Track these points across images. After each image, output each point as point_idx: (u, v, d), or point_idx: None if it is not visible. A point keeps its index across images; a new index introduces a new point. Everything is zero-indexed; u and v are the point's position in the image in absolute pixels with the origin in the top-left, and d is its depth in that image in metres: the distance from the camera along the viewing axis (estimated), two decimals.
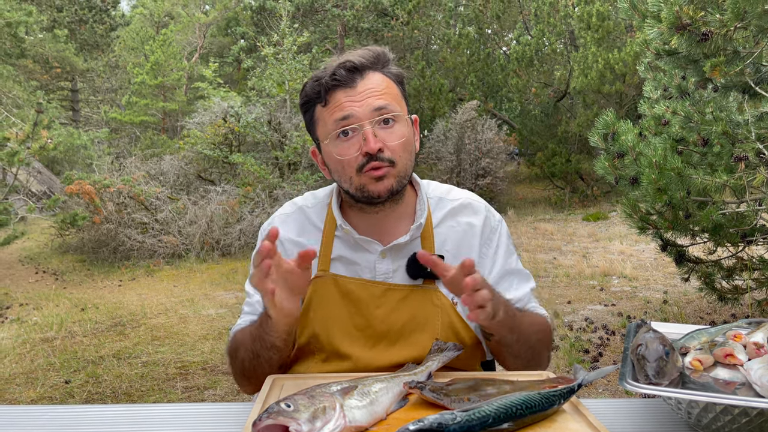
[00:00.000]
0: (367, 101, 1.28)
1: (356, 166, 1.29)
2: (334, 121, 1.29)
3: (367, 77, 1.30)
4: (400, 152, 1.31)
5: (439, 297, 1.36)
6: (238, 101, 12.14)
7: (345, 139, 1.29)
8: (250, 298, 1.45)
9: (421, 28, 17.80)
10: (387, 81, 1.33)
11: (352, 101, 1.28)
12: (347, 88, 1.29)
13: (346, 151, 1.29)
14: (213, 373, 4.43)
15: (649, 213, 4.26)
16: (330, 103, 1.30)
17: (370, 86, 1.30)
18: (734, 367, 1.04)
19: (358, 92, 1.28)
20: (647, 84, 4.35)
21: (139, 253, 9.92)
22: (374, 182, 1.30)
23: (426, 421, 0.88)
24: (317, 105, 1.33)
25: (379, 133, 1.28)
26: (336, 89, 1.29)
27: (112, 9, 22.84)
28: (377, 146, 1.27)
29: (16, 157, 7.61)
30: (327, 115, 1.31)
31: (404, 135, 1.32)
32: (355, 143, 1.28)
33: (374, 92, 1.29)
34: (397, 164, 1.30)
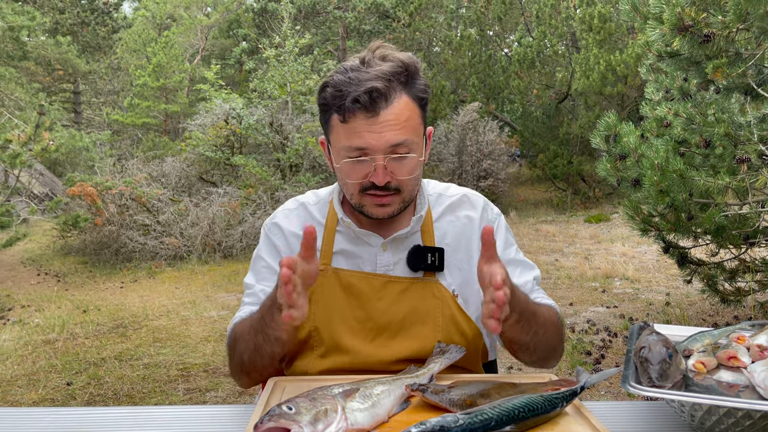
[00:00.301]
0: (385, 135, 1.24)
1: (360, 187, 1.30)
2: (348, 147, 1.26)
3: (392, 105, 1.24)
4: (407, 181, 1.31)
5: (439, 289, 1.37)
6: (239, 103, 12.15)
7: (356, 161, 1.27)
8: (251, 290, 1.45)
9: (422, 30, 17.82)
10: (410, 107, 1.28)
11: (371, 132, 1.24)
12: (369, 116, 1.24)
13: (354, 174, 1.29)
14: (215, 375, 4.42)
15: (652, 215, 4.25)
16: (349, 123, 1.25)
17: (392, 118, 1.24)
18: (738, 369, 1.03)
19: (379, 122, 1.24)
20: (649, 86, 4.34)
21: (141, 255, 9.93)
22: (375, 207, 1.31)
23: (428, 424, 0.88)
24: (335, 114, 1.28)
25: (390, 165, 1.27)
26: (357, 113, 1.24)
27: (114, 11, 22.89)
28: (385, 180, 1.27)
29: (18, 159, 7.62)
30: (342, 134, 1.27)
31: (415, 167, 1.30)
32: (365, 169, 1.27)
33: (394, 126, 1.24)
34: (402, 192, 1.31)
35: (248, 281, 1.47)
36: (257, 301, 1.41)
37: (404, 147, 1.26)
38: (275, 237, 1.46)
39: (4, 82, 16.20)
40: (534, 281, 1.46)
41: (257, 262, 1.47)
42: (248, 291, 1.46)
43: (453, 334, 1.36)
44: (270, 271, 1.44)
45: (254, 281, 1.45)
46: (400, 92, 1.26)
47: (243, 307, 1.45)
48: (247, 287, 1.47)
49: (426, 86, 1.33)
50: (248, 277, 1.48)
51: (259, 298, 1.41)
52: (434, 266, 1.37)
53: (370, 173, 1.27)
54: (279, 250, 1.44)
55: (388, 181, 1.27)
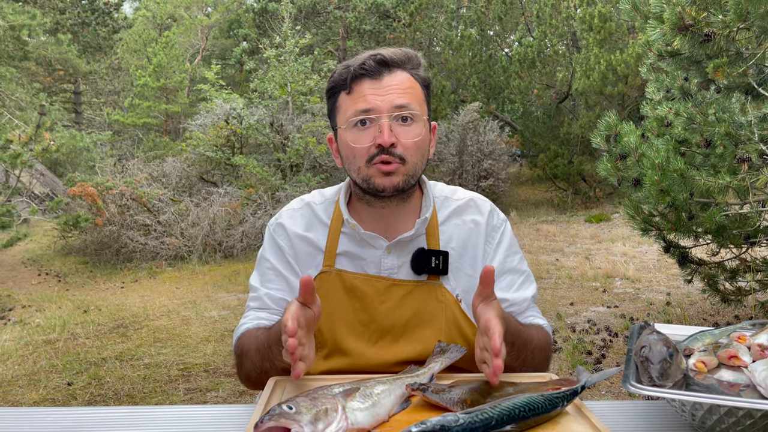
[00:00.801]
0: (390, 97, 1.29)
1: (367, 157, 1.30)
2: (354, 111, 1.31)
3: (395, 73, 1.32)
4: (413, 151, 1.32)
5: (443, 293, 1.36)
6: (240, 103, 12.16)
7: (362, 128, 1.31)
8: (256, 293, 1.45)
9: (423, 30, 17.82)
10: (413, 82, 1.34)
11: (376, 94, 1.30)
12: (373, 80, 1.31)
13: (360, 140, 1.31)
14: (215, 375, 4.43)
15: (652, 214, 4.25)
16: (354, 91, 1.32)
17: (395, 83, 1.31)
18: (738, 368, 1.03)
19: (383, 86, 1.30)
20: (650, 85, 4.34)
21: (142, 255, 9.93)
22: (381, 176, 1.31)
23: (429, 423, 0.88)
24: (342, 92, 1.34)
25: (395, 129, 1.29)
26: (362, 79, 1.31)
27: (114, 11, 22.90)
28: (391, 140, 1.28)
29: (18, 159, 7.63)
30: (349, 103, 1.32)
31: (420, 135, 1.32)
32: (371, 133, 1.30)
33: (398, 89, 1.31)
34: (407, 162, 1.31)
35: (253, 283, 1.47)
36: (262, 305, 1.42)
37: (408, 110, 1.30)
38: (279, 238, 1.45)
39: (4, 83, 16.21)
40: (531, 299, 1.45)
41: (262, 263, 1.47)
42: (253, 294, 1.46)
43: (456, 337, 1.35)
44: (274, 272, 1.44)
45: (259, 284, 1.45)
46: (402, 68, 1.34)
47: (248, 312, 1.45)
48: (252, 289, 1.47)
49: (429, 79, 1.38)
50: (253, 277, 1.48)
51: (263, 302, 1.42)
52: (438, 270, 1.36)
53: (375, 137, 1.29)
54: (283, 251, 1.44)
55: (392, 144, 1.28)
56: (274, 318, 1.40)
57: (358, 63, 1.32)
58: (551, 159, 14.67)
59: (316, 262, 1.41)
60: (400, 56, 1.34)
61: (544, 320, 1.45)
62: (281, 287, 1.43)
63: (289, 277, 1.42)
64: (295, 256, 1.43)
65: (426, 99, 1.37)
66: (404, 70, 1.34)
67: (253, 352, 1.31)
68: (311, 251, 1.42)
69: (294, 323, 1.05)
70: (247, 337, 1.37)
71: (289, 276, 1.42)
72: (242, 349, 1.37)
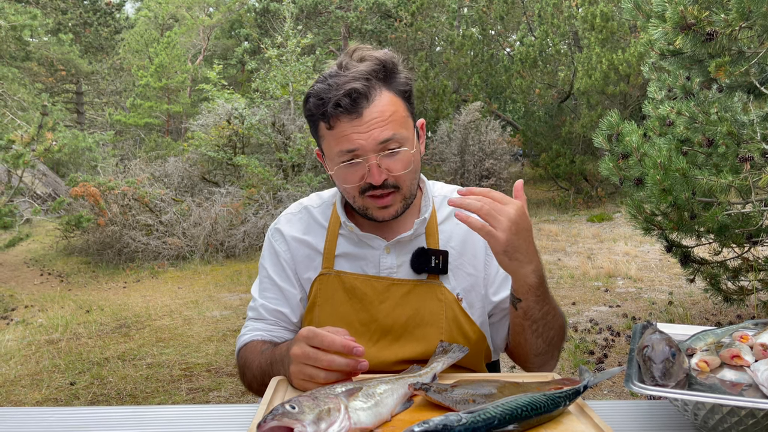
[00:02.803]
0: (373, 134, 1.24)
1: (359, 189, 1.30)
2: (339, 151, 1.27)
3: (374, 103, 1.25)
4: (405, 176, 1.31)
5: (443, 292, 1.37)
6: (242, 103, 12.16)
7: (349, 166, 1.28)
8: (254, 303, 1.48)
9: (424, 30, 17.81)
10: (394, 102, 1.28)
11: (358, 133, 1.24)
12: (353, 118, 1.24)
13: (350, 179, 1.29)
14: (217, 375, 4.43)
15: (654, 214, 4.24)
16: (335, 129, 1.26)
17: (376, 115, 1.25)
18: (741, 368, 1.03)
19: (364, 122, 1.24)
20: (651, 84, 4.33)
21: (144, 255, 9.94)
22: (379, 210, 1.32)
23: (431, 423, 0.88)
24: (321, 122, 1.29)
25: (383, 162, 1.27)
26: (340, 117, 1.25)
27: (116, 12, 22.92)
28: (381, 178, 1.27)
29: (21, 159, 7.64)
30: (332, 141, 1.28)
31: (409, 161, 1.30)
32: (359, 171, 1.28)
33: (380, 122, 1.25)
34: (402, 188, 1.31)
35: (253, 291, 1.50)
36: (258, 316, 1.45)
37: (394, 142, 1.27)
38: (277, 243, 1.47)
39: (7, 83, 16.23)
40: None
41: (261, 270, 1.50)
42: (251, 304, 1.49)
43: (456, 336, 1.35)
44: (270, 282, 1.46)
45: (257, 293, 1.48)
46: (380, 89, 1.27)
47: (247, 322, 1.48)
48: (252, 299, 1.50)
49: (408, 78, 1.33)
50: (254, 285, 1.51)
51: (259, 313, 1.45)
52: (438, 269, 1.36)
53: (365, 174, 1.27)
54: (280, 256, 1.45)
55: (384, 179, 1.27)
56: (270, 329, 1.44)
57: (332, 101, 1.23)
58: (553, 158, 14.65)
59: (315, 265, 1.42)
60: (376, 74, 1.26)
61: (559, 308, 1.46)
62: (276, 297, 1.45)
63: (284, 286, 1.44)
64: (292, 261, 1.44)
65: (410, 108, 1.33)
66: (383, 89, 1.27)
67: (255, 366, 1.34)
68: (310, 254, 1.43)
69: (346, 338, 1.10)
70: (248, 351, 1.39)
71: (284, 286, 1.44)
72: (244, 361, 1.39)
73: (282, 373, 1.20)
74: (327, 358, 1.09)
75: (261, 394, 1.31)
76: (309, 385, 1.10)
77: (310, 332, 1.11)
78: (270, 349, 1.32)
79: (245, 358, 1.39)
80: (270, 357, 1.28)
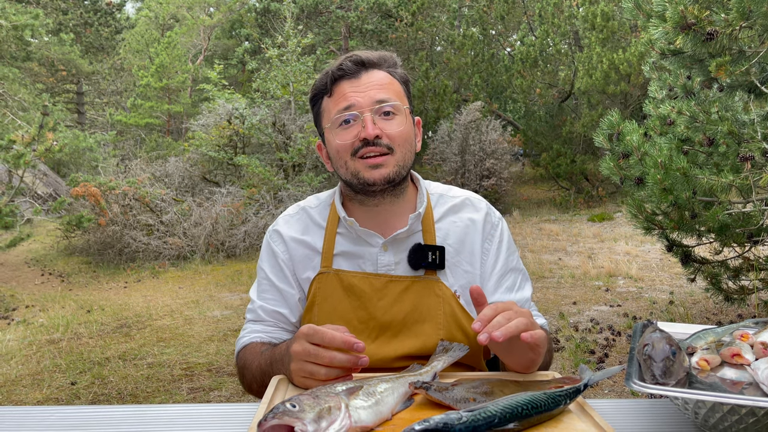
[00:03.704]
0: (369, 93, 1.32)
1: (351, 150, 1.32)
2: (337, 110, 1.34)
3: (372, 72, 1.36)
4: (399, 141, 1.34)
5: (440, 287, 1.37)
6: (242, 103, 12.17)
7: (345, 126, 1.33)
8: (252, 305, 1.48)
9: (425, 30, 17.81)
10: (391, 78, 1.38)
11: (356, 92, 1.33)
12: (352, 79, 1.34)
13: (345, 136, 1.33)
14: (218, 375, 4.43)
15: (655, 213, 4.24)
16: (335, 93, 1.35)
17: (373, 79, 1.34)
18: (741, 366, 1.03)
19: (362, 83, 1.33)
20: (652, 84, 4.33)
21: (145, 255, 9.95)
22: (369, 169, 1.32)
23: (431, 421, 0.88)
24: (324, 97, 1.38)
25: (378, 122, 1.32)
26: (341, 80, 1.35)
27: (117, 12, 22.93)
28: (375, 132, 1.30)
29: (21, 159, 7.64)
30: (332, 105, 1.36)
31: (404, 126, 1.35)
32: (355, 129, 1.32)
33: (377, 85, 1.34)
34: (395, 152, 1.33)
35: (251, 293, 1.51)
36: (257, 318, 1.46)
37: (389, 105, 1.33)
38: (275, 244, 1.48)
39: (7, 83, 16.24)
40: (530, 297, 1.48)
41: (259, 272, 1.51)
42: (250, 306, 1.50)
43: (455, 331, 1.36)
44: (269, 283, 1.47)
45: (255, 295, 1.49)
46: (379, 68, 1.37)
47: (246, 324, 1.49)
48: (250, 301, 1.51)
49: (407, 76, 1.42)
50: (252, 287, 1.52)
51: (258, 315, 1.46)
52: (435, 264, 1.37)
53: (359, 132, 1.31)
54: (278, 257, 1.46)
55: (377, 136, 1.30)
56: (269, 330, 1.45)
57: (335, 66, 1.35)
58: (554, 158, 14.65)
59: (314, 264, 1.43)
60: (376, 57, 1.37)
61: (543, 319, 1.48)
62: (275, 298, 1.46)
63: (282, 287, 1.45)
64: (290, 261, 1.45)
65: (406, 94, 1.40)
66: (381, 69, 1.37)
67: (255, 367, 1.34)
68: (308, 254, 1.44)
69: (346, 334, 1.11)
70: (247, 352, 1.40)
71: (283, 287, 1.45)
72: (244, 363, 1.40)
73: (282, 372, 1.20)
74: (328, 355, 1.09)
75: (261, 396, 1.32)
76: (310, 382, 1.11)
77: (309, 329, 1.12)
78: (269, 349, 1.32)
79: (244, 360, 1.39)
80: (269, 357, 1.29)
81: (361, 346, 1.08)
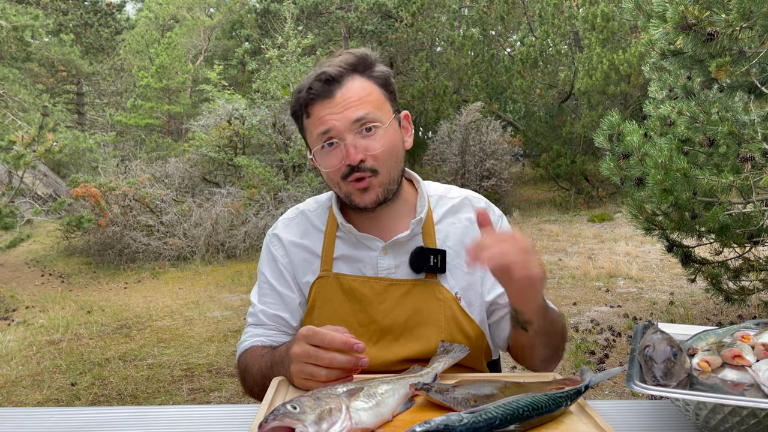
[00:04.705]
0: (346, 113, 1.28)
1: (340, 174, 1.31)
2: (317, 135, 1.31)
3: (346, 86, 1.29)
4: (383, 159, 1.31)
5: (441, 291, 1.37)
6: (242, 104, 12.16)
7: (329, 150, 1.31)
8: (253, 309, 1.48)
9: (425, 30, 17.81)
10: (368, 86, 1.32)
11: (332, 114, 1.28)
12: (325, 100, 1.29)
13: (329, 162, 1.31)
14: (219, 376, 4.43)
15: (655, 214, 4.24)
16: (312, 115, 1.32)
17: (349, 95, 1.29)
18: (742, 368, 1.03)
19: (337, 103, 1.28)
20: (652, 84, 4.33)
21: (145, 256, 9.95)
22: (359, 193, 1.32)
23: (432, 423, 0.88)
24: (303, 117, 1.35)
25: (359, 144, 1.28)
26: (314, 102, 1.30)
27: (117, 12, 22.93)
28: (358, 158, 1.28)
29: (21, 160, 7.64)
30: (311, 128, 1.33)
31: (387, 141, 1.31)
32: (338, 154, 1.30)
33: (353, 102, 1.28)
34: (380, 173, 1.31)
35: (252, 297, 1.50)
36: (258, 322, 1.45)
37: (367, 120, 1.28)
38: (275, 248, 1.48)
39: (8, 84, 16.24)
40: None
41: (259, 276, 1.50)
42: (251, 310, 1.49)
43: (456, 334, 1.35)
44: (269, 287, 1.46)
45: (256, 299, 1.49)
46: (353, 75, 1.31)
47: (247, 328, 1.48)
48: (251, 304, 1.50)
49: (386, 73, 1.36)
50: (253, 291, 1.51)
51: (259, 318, 1.45)
52: (436, 268, 1.36)
53: (343, 157, 1.29)
54: (278, 261, 1.46)
55: (361, 160, 1.28)
56: (270, 334, 1.44)
57: (305, 88, 1.30)
58: (554, 159, 14.65)
59: (314, 268, 1.43)
60: (347, 65, 1.31)
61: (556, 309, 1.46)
62: (276, 302, 1.45)
63: (282, 291, 1.44)
64: (290, 265, 1.45)
65: (388, 96, 1.36)
66: (356, 76, 1.31)
67: (255, 370, 1.34)
68: (308, 257, 1.44)
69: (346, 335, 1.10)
70: (248, 356, 1.40)
71: (283, 290, 1.44)
72: (245, 366, 1.39)
73: (282, 374, 1.20)
74: (328, 356, 1.09)
75: (262, 399, 1.32)
76: (310, 384, 1.10)
77: (309, 331, 1.12)
78: (269, 352, 1.32)
79: (246, 363, 1.39)
80: (270, 359, 1.28)
81: (361, 346, 1.08)
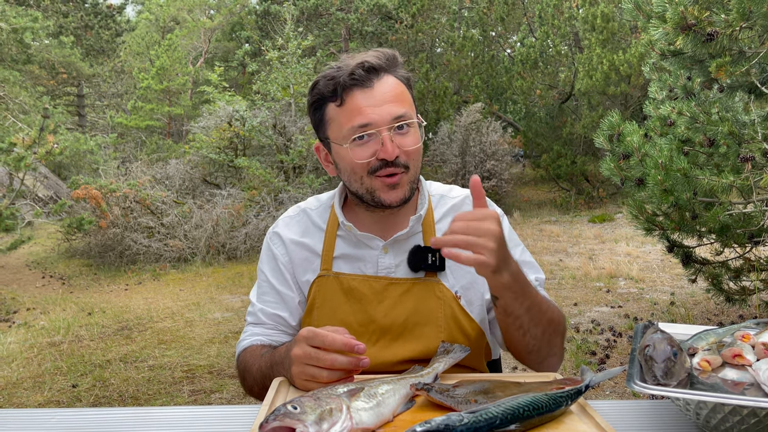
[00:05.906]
0: (386, 108, 1.27)
1: (368, 169, 1.29)
2: (351, 127, 1.28)
3: (383, 79, 1.29)
4: (414, 157, 1.32)
5: (441, 289, 1.36)
6: (243, 105, 12.17)
7: (361, 142, 1.28)
8: (252, 308, 1.48)
9: (425, 31, 17.80)
10: (400, 85, 1.32)
11: (372, 107, 1.26)
12: (364, 89, 1.27)
13: (361, 155, 1.29)
14: (219, 377, 4.43)
15: (656, 214, 4.24)
16: (347, 103, 1.28)
17: (387, 90, 1.28)
18: (743, 367, 1.03)
19: (376, 96, 1.27)
20: (652, 85, 4.33)
21: (146, 257, 9.95)
22: (387, 190, 1.31)
23: (433, 423, 0.88)
24: (330, 103, 1.31)
25: (395, 139, 1.28)
26: (352, 89, 1.28)
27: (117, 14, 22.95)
28: (395, 153, 1.27)
29: (22, 162, 7.65)
30: (343, 118, 1.29)
31: (418, 141, 1.32)
32: (371, 147, 1.28)
33: (392, 98, 1.28)
34: (410, 169, 1.32)
35: (251, 296, 1.50)
36: (257, 321, 1.45)
37: (405, 119, 1.29)
38: (275, 246, 1.47)
39: (8, 86, 16.25)
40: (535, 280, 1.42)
41: (259, 275, 1.50)
42: (250, 309, 1.49)
43: (455, 333, 1.35)
44: (269, 286, 1.46)
45: (255, 298, 1.48)
46: (387, 71, 1.31)
47: (247, 327, 1.48)
48: (250, 304, 1.50)
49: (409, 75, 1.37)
50: (252, 290, 1.51)
51: (258, 318, 1.45)
52: (435, 266, 1.36)
53: (377, 150, 1.28)
54: (278, 260, 1.45)
55: (397, 156, 1.28)
56: (269, 333, 1.44)
57: (346, 73, 1.27)
58: (554, 159, 14.64)
59: (314, 267, 1.42)
60: (383, 59, 1.30)
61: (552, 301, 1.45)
62: (275, 301, 1.45)
63: (282, 290, 1.44)
64: (290, 264, 1.44)
65: (412, 96, 1.37)
66: (390, 73, 1.31)
67: (255, 370, 1.34)
68: (308, 256, 1.43)
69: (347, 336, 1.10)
70: (248, 355, 1.39)
71: (283, 290, 1.44)
72: (244, 366, 1.39)
73: (283, 375, 1.20)
74: (329, 357, 1.09)
75: (262, 398, 1.31)
76: (311, 385, 1.10)
77: (309, 332, 1.11)
78: (269, 352, 1.31)
79: (245, 363, 1.39)
80: (270, 360, 1.28)
81: (361, 347, 1.08)
